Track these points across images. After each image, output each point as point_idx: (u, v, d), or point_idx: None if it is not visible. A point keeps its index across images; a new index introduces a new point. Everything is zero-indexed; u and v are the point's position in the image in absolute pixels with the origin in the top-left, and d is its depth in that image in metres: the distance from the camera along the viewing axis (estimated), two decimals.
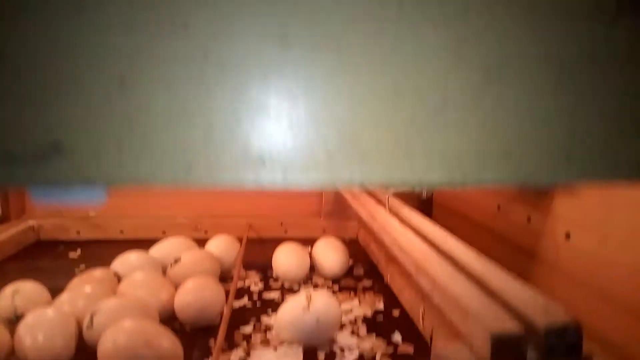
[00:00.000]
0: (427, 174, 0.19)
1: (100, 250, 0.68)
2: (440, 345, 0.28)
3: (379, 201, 0.68)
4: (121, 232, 0.93)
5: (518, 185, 0.20)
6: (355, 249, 0.88)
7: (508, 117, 0.19)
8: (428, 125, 0.18)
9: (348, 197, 0.79)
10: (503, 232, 0.68)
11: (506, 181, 0.19)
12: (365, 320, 0.60)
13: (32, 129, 0.17)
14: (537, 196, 0.58)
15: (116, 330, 0.46)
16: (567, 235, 0.52)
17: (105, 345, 0.45)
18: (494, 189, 0.71)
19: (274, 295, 0.68)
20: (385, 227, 0.52)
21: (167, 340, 0.46)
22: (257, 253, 0.86)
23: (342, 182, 0.18)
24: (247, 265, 0.79)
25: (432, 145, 0.19)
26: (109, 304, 0.52)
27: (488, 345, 0.27)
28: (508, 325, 0.28)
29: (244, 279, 0.74)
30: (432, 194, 0.92)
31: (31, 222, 0.91)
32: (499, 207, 0.69)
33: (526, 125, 0.19)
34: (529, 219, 0.61)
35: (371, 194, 0.74)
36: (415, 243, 0.46)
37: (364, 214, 0.64)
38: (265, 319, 0.60)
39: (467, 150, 0.19)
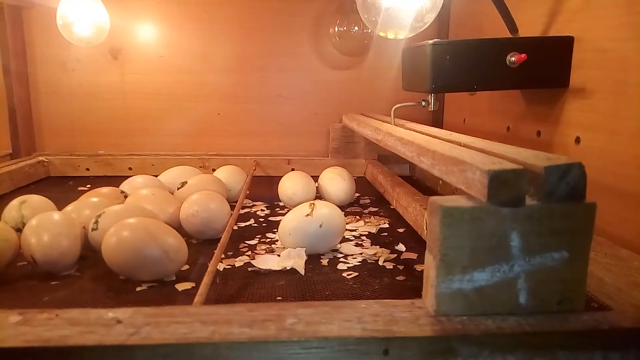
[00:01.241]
0: None
1: (110, 185, 0.68)
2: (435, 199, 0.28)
3: (385, 121, 0.67)
4: (130, 169, 0.93)
5: None
6: (363, 185, 0.87)
7: None
8: None
9: (354, 125, 0.78)
10: None
11: None
12: (370, 235, 0.60)
13: None
14: (548, 108, 0.57)
15: (121, 225, 0.46)
16: (577, 140, 0.51)
17: (109, 240, 0.45)
18: (503, 111, 0.69)
19: (280, 218, 0.68)
20: (390, 131, 0.51)
21: (172, 237, 0.46)
22: (264, 188, 0.86)
23: None
24: (254, 198, 0.79)
25: None
26: (114, 208, 0.52)
27: (485, 182, 0.26)
28: (506, 165, 0.27)
29: (250, 207, 0.74)
30: (442, 109, 0.91)
31: (41, 158, 0.91)
32: (508, 129, 0.68)
33: None
34: (538, 134, 0.59)
35: (377, 119, 0.73)
36: (418, 136, 0.45)
37: (369, 132, 0.63)
38: (270, 235, 0.60)
39: None
